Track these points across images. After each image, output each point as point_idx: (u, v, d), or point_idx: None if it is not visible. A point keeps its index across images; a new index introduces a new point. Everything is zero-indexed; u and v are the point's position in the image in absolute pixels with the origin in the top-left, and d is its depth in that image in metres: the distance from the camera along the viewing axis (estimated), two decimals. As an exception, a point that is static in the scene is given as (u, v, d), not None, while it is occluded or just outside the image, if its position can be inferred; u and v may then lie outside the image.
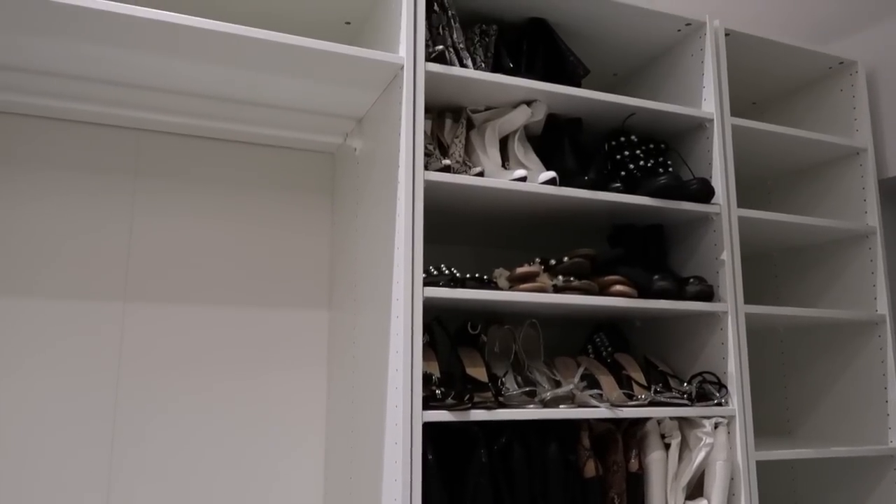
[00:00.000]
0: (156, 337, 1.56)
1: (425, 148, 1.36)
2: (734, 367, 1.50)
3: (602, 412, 1.37)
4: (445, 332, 1.45)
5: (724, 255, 1.55)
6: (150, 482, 1.50)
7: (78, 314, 1.50)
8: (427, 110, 1.46)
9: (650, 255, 1.63)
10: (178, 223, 1.62)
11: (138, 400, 1.52)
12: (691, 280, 1.53)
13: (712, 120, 1.62)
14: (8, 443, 1.41)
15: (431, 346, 1.43)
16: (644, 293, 1.48)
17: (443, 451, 1.29)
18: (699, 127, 1.65)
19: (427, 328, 1.41)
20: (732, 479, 1.47)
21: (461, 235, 1.75)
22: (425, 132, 1.37)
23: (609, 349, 1.68)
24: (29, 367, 1.45)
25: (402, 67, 1.33)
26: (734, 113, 2.10)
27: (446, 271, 1.34)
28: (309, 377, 1.68)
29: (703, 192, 1.55)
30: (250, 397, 1.62)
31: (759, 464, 1.98)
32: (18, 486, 1.41)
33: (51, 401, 1.45)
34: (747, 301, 1.95)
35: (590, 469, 1.36)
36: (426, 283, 1.28)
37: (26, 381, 1.44)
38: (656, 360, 1.65)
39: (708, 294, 1.52)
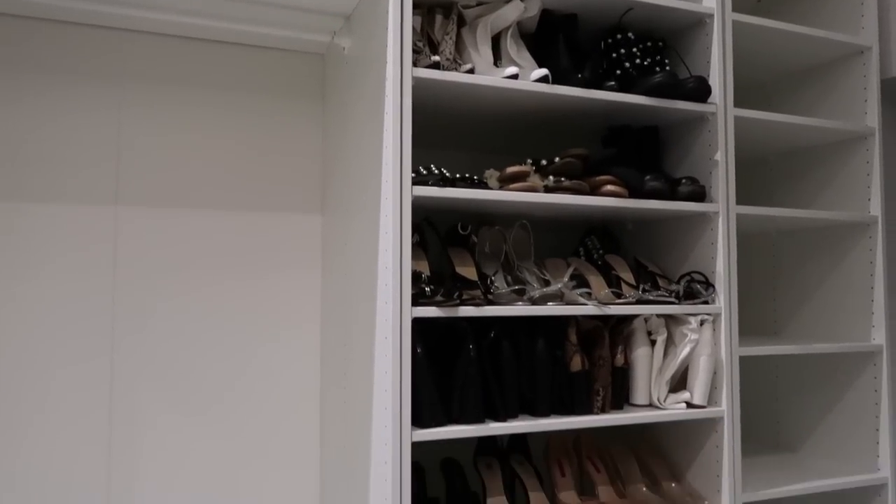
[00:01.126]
0: (149, 241, 1.58)
1: (414, 45, 1.32)
2: (722, 267, 1.52)
3: (590, 309, 1.39)
4: (435, 233, 1.46)
5: (719, 156, 1.54)
6: (150, 381, 1.56)
7: (69, 218, 1.51)
8: (416, 6, 1.41)
9: (644, 156, 1.62)
10: (167, 126, 1.61)
11: (135, 303, 1.55)
12: (683, 181, 1.53)
13: (713, 15, 1.56)
14: (4, 348, 1.46)
15: (421, 246, 1.44)
16: (636, 193, 1.48)
17: (432, 347, 1.32)
18: (699, 23, 1.60)
19: (417, 228, 1.42)
20: (715, 373, 1.51)
21: (452, 140, 1.74)
22: (414, 29, 1.33)
23: (600, 251, 1.69)
24: (23, 272, 1.47)
25: (388, -43, 1.28)
26: (736, 9, 2.02)
27: (436, 171, 1.34)
28: (303, 280, 1.70)
29: (700, 90, 1.52)
30: (246, 300, 1.65)
31: (743, 361, 2.03)
32: (16, 389, 1.46)
33: (48, 306, 1.49)
34: (740, 204, 1.95)
35: (576, 363, 1.40)
36: (415, 183, 1.27)
37: (21, 288, 1.47)
38: (646, 261, 1.67)
39: (700, 194, 1.52)
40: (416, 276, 1.29)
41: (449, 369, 1.32)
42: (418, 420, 1.25)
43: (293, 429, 1.67)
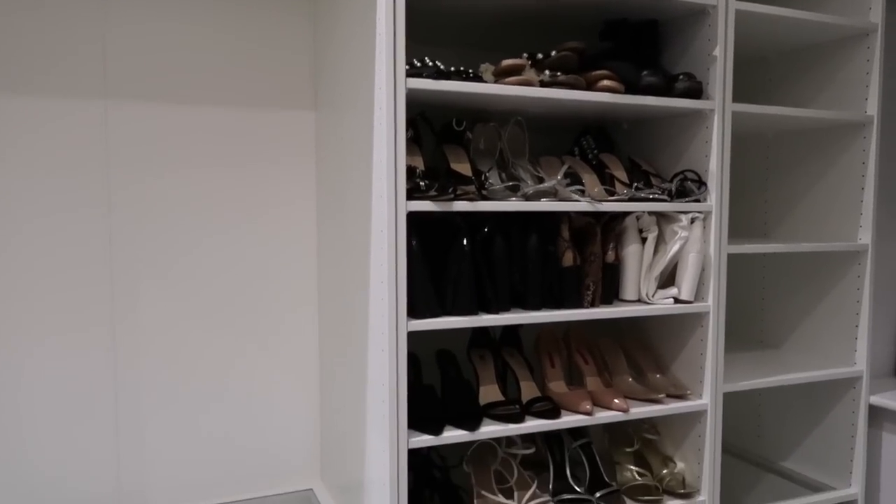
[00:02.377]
0: (141, 136, 1.56)
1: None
2: (716, 165, 1.53)
3: (583, 206, 1.41)
4: (430, 128, 1.45)
5: (717, 51, 1.51)
6: (148, 276, 1.58)
7: (59, 112, 1.49)
8: None
9: (642, 51, 1.59)
10: (155, 17, 1.56)
11: (129, 198, 1.56)
12: (681, 77, 1.50)
13: None
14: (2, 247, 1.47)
15: (416, 141, 1.43)
16: (632, 89, 1.46)
17: (427, 242, 1.34)
18: None
19: (411, 123, 1.41)
20: (703, 270, 1.55)
21: (447, 36, 1.69)
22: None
23: (595, 151, 1.69)
24: (15, 165, 1.46)
25: None
26: None
27: (431, 64, 1.31)
28: (298, 178, 1.70)
29: (702, -19, 1.47)
30: (241, 198, 1.65)
31: (732, 261, 2.06)
32: (14, 289, 1.48)
33: (41, 199, 1.49)
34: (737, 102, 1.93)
35: (568, 259, 1.43)
36: (409, 75, 1.25)
37: (14, 184, 1.46)
38: (641, 160, 1.67)
39: (696, 91, 1.51)
40: (410, 171, 1.29)
41: (443, 264, 1.34)
42: (413, 311, 1.29)
43: (291, 322, 1.72)
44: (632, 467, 1.60)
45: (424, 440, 1.30)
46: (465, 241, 1.32)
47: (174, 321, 1.61)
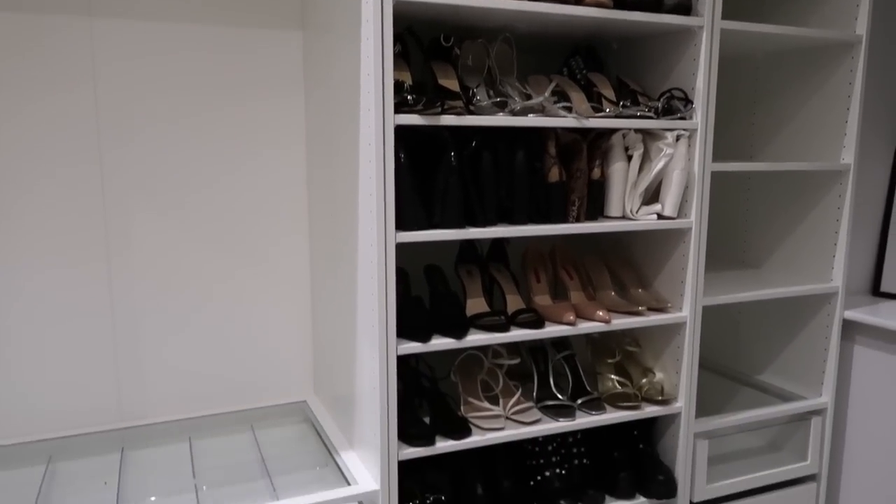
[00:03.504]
0: (127, 53, 1.55)
1: None
2: (702, 83, 1.54)
3: (570, 122, 1.42)
4: (418, 43, 1.45)
5: (707, -34, 1.50)
6: (139, 195, 1.60)
7: (44, 29, 1.47)
8: None
9: (632, -33, 1.57)
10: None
11: (119, 119, 1.56)
12: (670, -8, 1.50)
13: None
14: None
15: (404, 57, 1.43)
16: (620, 5, 1.45)
17: (415, 157, 1.36)
18: None
19: (399, 38, 1.40)
20: (687, 187, 1.58)
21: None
22: None
23: (583, 71, 1.69)
24: (7, 88, 1.46)
25: None
26: None
27: (417, -24, 1.30)
28: (286, 96, 1.70)
29: None
30: (230, 118, 1.66)
31: (717, 182, 2.10)
32: (10, 196, 1.50)
33: (31, 121, 1.49)
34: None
35: (554, 175, 1.46)
36: (396, -14, 1.25)
37: (5, 103, 1.47)
38: (628, 80, 1.68)
39: (686, 7, 1.50)
40: (398, 85, 1.30)
41: (431, 178, 1.37)
42: (402, 224, 1.32)
43: (282, 240, 1.75)
44: (613, 377, 1.67)
45: (413, 347, 1.35)
46: (452, 156, 1.34)
47: (167, 241, 1.64)
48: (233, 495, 1.44)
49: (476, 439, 1.44)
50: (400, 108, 1.28)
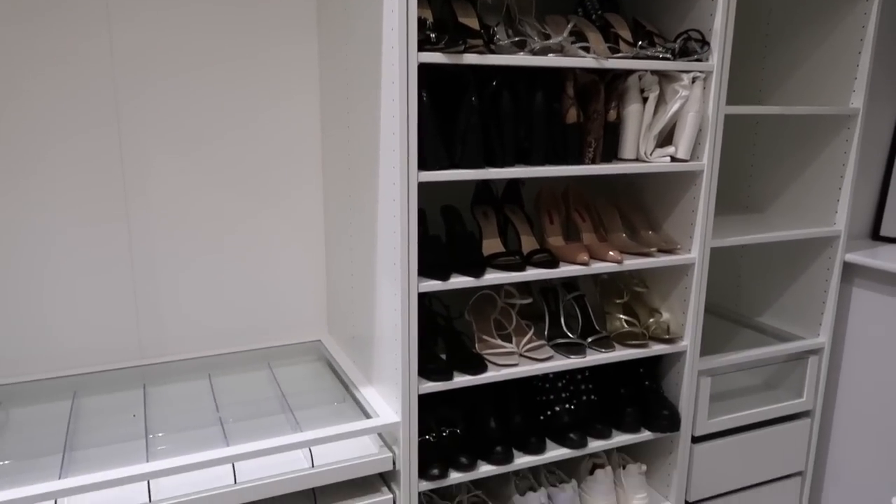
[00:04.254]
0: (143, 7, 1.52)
1: None
2: (720, 24, 1.53)
3: (588, 62, 1.42)
4: (438, -20, 1.43)
5: None
6: (156, 142, 1.60)
7: (54, -41, 1.44)
8: None
9: None
10: None
11: (136, 71, 1.54)
12: (691, -70, 1.48)
13: None
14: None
15: (424, -6, 1.42)
16: (641, -58, 1.44)
17: (436, 97, 1.37)
18: None
19: (420, -26, 1.38)
20: (700, 130, 1.59)
21: None
22: None
23: (598, 11, 1.68)
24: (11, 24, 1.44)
25: None
26: None
27: None
28: (300, 37, 1.68)
29: None
30: (245, 59, 1.64)
31: (725, 124, 2.11)
32: (27, 158, 1.49)
33: (44, 61, 1.47)
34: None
35: (571, 116, 1.47)
36: (420, -80, 1.23)
37: (22, 59, 1.44)
38: (645, 21, 1.67)
39: (706, -54, 1.49)
40: (420, 23, 1.29)
41: (452, 118, 1.37)
42: (423, 164, 1.33)
43: (296, 182, 1.76)
44: (621, 316, 1.72)
45: (433, 285, 1.38)
46: (473, 97, 1.34)
47: (183, 185, 1.64)
48: (257, 428, 1.49)
49: (491, 374, 1.48)
50: (423, 45, 1.27)
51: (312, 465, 1.34)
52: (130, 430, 1.46)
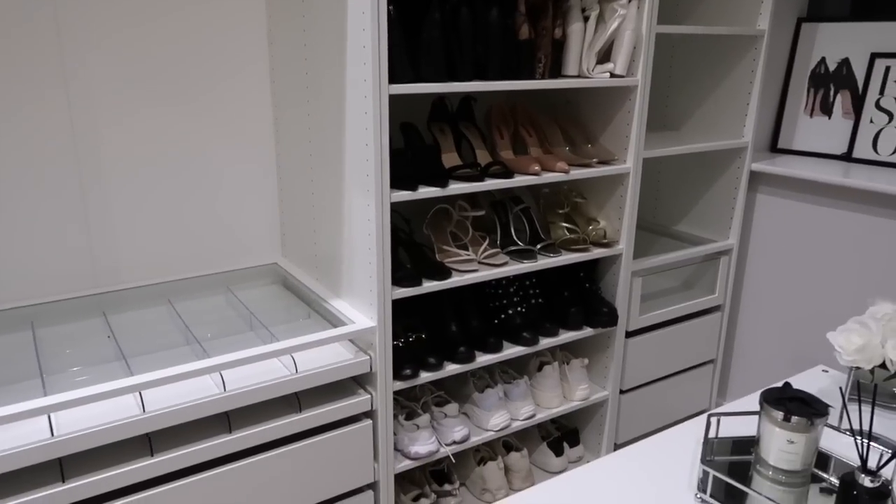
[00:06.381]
0: None
1: None
2: (652, -54, 1.65)
3: (539, -20, 1.50)
4: None
5: None
6: (100, 56, 1.54)
7: None
8: None
9: None
10: None
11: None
12: None
13: None
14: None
15: None
16: None
17: (400, 12, 1.41)
18: None
19: None
20: (635, 48, 1.72)
21: None
22: None
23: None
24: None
25: None
26: None
27: None
28: (244, -48, 1.65)
29: None
30: (187, -30, 1.59)
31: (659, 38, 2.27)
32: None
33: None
34: None
35: (524, 32, 1.55)
36: None
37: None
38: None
39: None
40: (384, -64, 1.32)
41: (415, 34, 1.42)
42: (390, 78, 1.38)
43: (244, 100, 1.75)
44: (563, 225, 1.86)
45: (403, 195, 1.45)
46: (437, 13, 1.39)
47: (129, 108, 1.60)
48: (235, 343, 1.52)
49: (455, 280, 1.59)
50: (388, -41, 1.31)
51: (296, 371, 1.41)
52: (104, 353, 1.46)
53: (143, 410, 1.24)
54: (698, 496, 0.92)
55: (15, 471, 1.18)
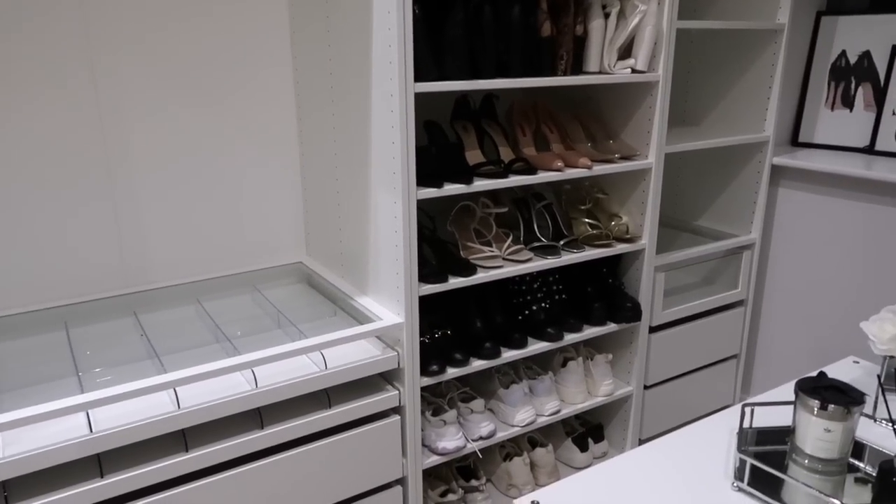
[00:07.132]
0: None
1: None
2: (672, -58, 1.66)
3: (561, -23, 1.51)
4: None
5: None
6: (131, 62, 1.57)
7: None
8: None
9: None
10: None
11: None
12: None
13: None
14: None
15: None
16: None
17: (427, 9, 1.42)
18: None
19: None
20: (656, 43, 1.73)
21: None
22: None
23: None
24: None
25: None
26: None
27: None
28: (267, -45, 1.67)
29: None
30: (212, -26, 1.62)
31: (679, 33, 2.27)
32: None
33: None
34: None
35: (546, 29, 1.56)
36: None
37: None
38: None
39: None
40: (408, -64, 1.33)
41: (439, 33, 1.43)
42: (416, 76, 1.39)
43: (269, 105, 1.77)
44: (586, 220, 1.86)
45: (429, 192, 1.47)
46: (462, 12, 1.41)
47: (157, 103, 1.62)
48: (264, 341, 1.54)
49: (481, 276, 1.60)
50: (413, -41, 1.32)
51: (326, 367, 1.43)
52: (137, 352, 1.49)
53: (178, 407, 1.26)
54: (735, 485, 0.92)
55: (55, 466, 1.21)
